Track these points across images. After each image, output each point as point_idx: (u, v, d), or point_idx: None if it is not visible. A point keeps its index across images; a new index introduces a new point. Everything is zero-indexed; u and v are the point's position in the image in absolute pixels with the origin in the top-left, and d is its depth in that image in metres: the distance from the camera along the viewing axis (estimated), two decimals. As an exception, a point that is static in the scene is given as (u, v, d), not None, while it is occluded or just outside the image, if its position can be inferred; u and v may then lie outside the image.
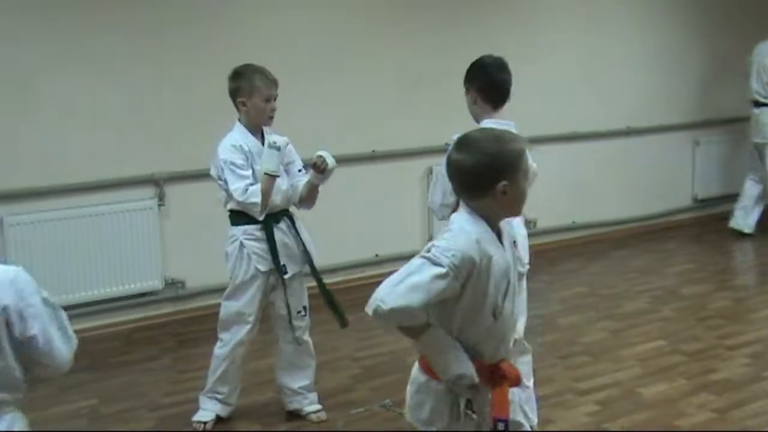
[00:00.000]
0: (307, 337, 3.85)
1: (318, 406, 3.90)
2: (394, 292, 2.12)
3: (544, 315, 5.20)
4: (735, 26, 7.61)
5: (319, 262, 5.63)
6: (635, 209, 7.21)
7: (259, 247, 3.66)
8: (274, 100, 3.66)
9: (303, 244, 3.74)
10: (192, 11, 5.20)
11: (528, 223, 6.50)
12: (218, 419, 3.84)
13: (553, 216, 6.59)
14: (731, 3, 7.61)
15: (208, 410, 3.82)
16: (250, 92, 3.60)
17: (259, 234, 3.65)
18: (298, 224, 3.76)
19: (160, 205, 5.15)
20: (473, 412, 2.24)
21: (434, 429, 2.27)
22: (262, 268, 3.67)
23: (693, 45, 7.46)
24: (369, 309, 2.15)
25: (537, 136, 6.52)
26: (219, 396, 3.82)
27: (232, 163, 3.56)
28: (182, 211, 5.23)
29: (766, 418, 3.79)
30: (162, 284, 5.21)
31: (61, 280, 4.90)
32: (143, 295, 5.21)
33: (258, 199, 3.53)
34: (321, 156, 3.61)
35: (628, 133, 7.16)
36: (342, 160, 5.58)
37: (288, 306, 3.75)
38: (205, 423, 3.80)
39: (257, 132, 3.69)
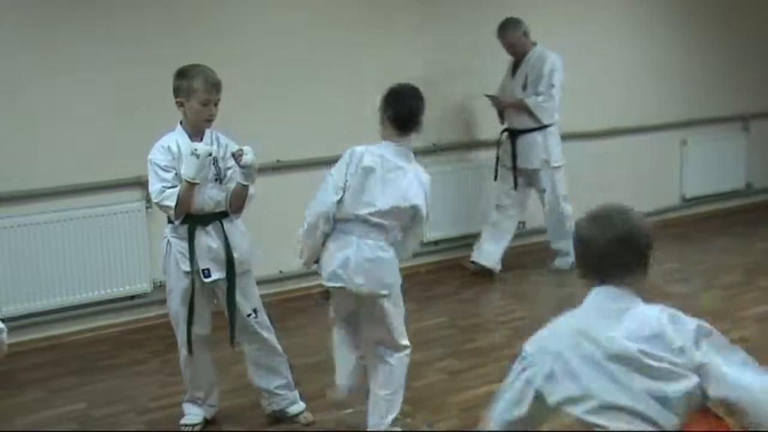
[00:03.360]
0: (267, 335, 3.79)
1: (302, 406, 3.88)
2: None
3: (533, 316, 5.21)
4: (721, 26, 7.66)
5: (298, 266, 5.60)
6: (623, 209, 7.23)
7: (183, 246, 3.62)
8: (215, 104, 3.55)
9: (230, 250, 3.63)
10: (177, 14, 5.19)
11: (519, 224, 6.58)
12: (206, 422, 3.85)
13: (542, 216, 6.60)
14: (717, 2, 7.65)
15: (193, 414, 3.82)
16: (188, 94, 3.52)
17: (184, 233, 3.60)
18: (230, 229, 3.66)
19: (147, 208, 5.12)
20: None
21: None
22: (184, 267, 3.62)
23: (680, 44, 7.49)
24: None
25: (525, 137, 6.56)
26: (198, 401, 3.83)
27: (156, 164, 3.53)
28: (170, 214, 5.21)
29: (754, 416, 3.80)
30: (150, 287, 5.19)
31: (48, 283, 4.89)
32: (131, 298, 5.20)
33: (172, 203, 3.49)
34: (241, 149, 3.52)
35: (616, 132, 7.17)
36: (314, 163, 5.65)
37: (232, 308, 3.69)
38: (193, 425, 3.80)
39: (197, 135, 3.59)
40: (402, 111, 3.54)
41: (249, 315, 3.72)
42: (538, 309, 5.36)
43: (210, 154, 3.49)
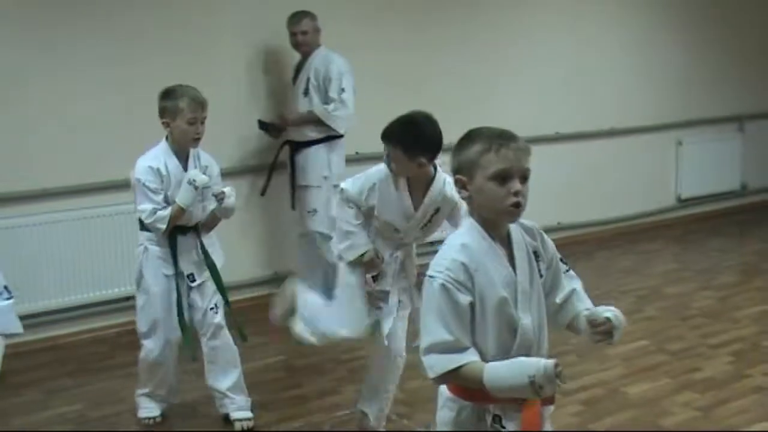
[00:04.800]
0: (224, 334, 3.82)
1: (246, 414, 3.85)
2: (427, 346, 2.06)
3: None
4: (716, 27, 7.68)
5: (293, 267, 5.65)
6: (619, 209, 7.25)
7: (162, 251, 3.69)
8: (202, 122, 3.59)
9: (208, 255, 3.74)
10: (177, 14, 5.19)
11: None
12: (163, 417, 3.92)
13: (538, 217, 6.51)
14: (713, 3, 7.67)
15: (151, 407, 3.89)
16: (174, 113, 3.56)
17: (164, 241, 3.67)
18: (204, 237, 3.75)
19: (144, 209, 5.13)
20: (503, 426, 2.12)
21: None
22: (167, 272, 3.68)
23: (676, 45, 7.51)
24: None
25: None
26: (158, 397, 3.89)
27: (145, 185, 3.59)
28: (167, 215, 5.21)
29: (749, 416, 3.82)
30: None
31: (45, 284, 4.89)
32: (128, 299, 5.16)
33: (163, 226, 3.58)
34: (223, 191, 3.62)
35: (612, 133, 7.20)
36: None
37: (200, 308, 3.76)
38: (154, 418, 3.88)
39: (183, 153, 3.65)
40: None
41: (211, 309, 3.78)
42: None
43: (205, 185, 3.59)
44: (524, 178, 2.12)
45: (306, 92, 5.23)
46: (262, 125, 5.35)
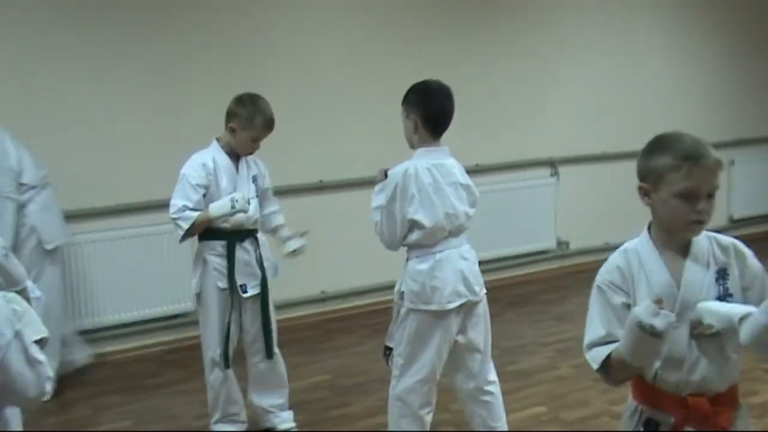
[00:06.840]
0: (275, 359, 3.84)
1: (291, 425, 3.91)
2: (587, 343, 2.24)
3: (578, 337, 5.14)
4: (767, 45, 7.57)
5: (340, 286, 5.68)
6: (669, 229, 7.13)
7: (220, 263, 3.65)
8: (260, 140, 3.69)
9: (263, 268, 3.74)
10: (212, 35, 5.23)
11: (562, 244, 6.53)
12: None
13: (586, 237, 6.54)
14: (763, 20, 7.55)
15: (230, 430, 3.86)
16: (245, 125, 3.59)
17: (221, 250, 3.65)
18: (263, 246, 3.76)
19: (191, 228, 5.17)
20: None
21: None
22: (221, 285, 3.65)
23: (727, 63, 7.40)
24: None
25: (567, 157, 6.53)
26: (235, 416, 3.86)
27: (187, 180, 3.58)
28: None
29: (807, 443, 3.71)
30: (193, 306, 5.20)
31: (94, 302, 4.95)
32: (175, 317, 5.23)
33: (185, 226, 3.53)
34: (294, 250, 3.85)
35: (661, 152, 7.10)
36: (357, 184, 5.66)
37: (252, 326, 3.76)
38: None
39: (234, 156, 3.69)
40: (439, 110, 3.45)
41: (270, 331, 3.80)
42: (581, 330, 5.28)
43: (244, 212, 3.60)
44: (710, 195, 2.09)
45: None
46: None
